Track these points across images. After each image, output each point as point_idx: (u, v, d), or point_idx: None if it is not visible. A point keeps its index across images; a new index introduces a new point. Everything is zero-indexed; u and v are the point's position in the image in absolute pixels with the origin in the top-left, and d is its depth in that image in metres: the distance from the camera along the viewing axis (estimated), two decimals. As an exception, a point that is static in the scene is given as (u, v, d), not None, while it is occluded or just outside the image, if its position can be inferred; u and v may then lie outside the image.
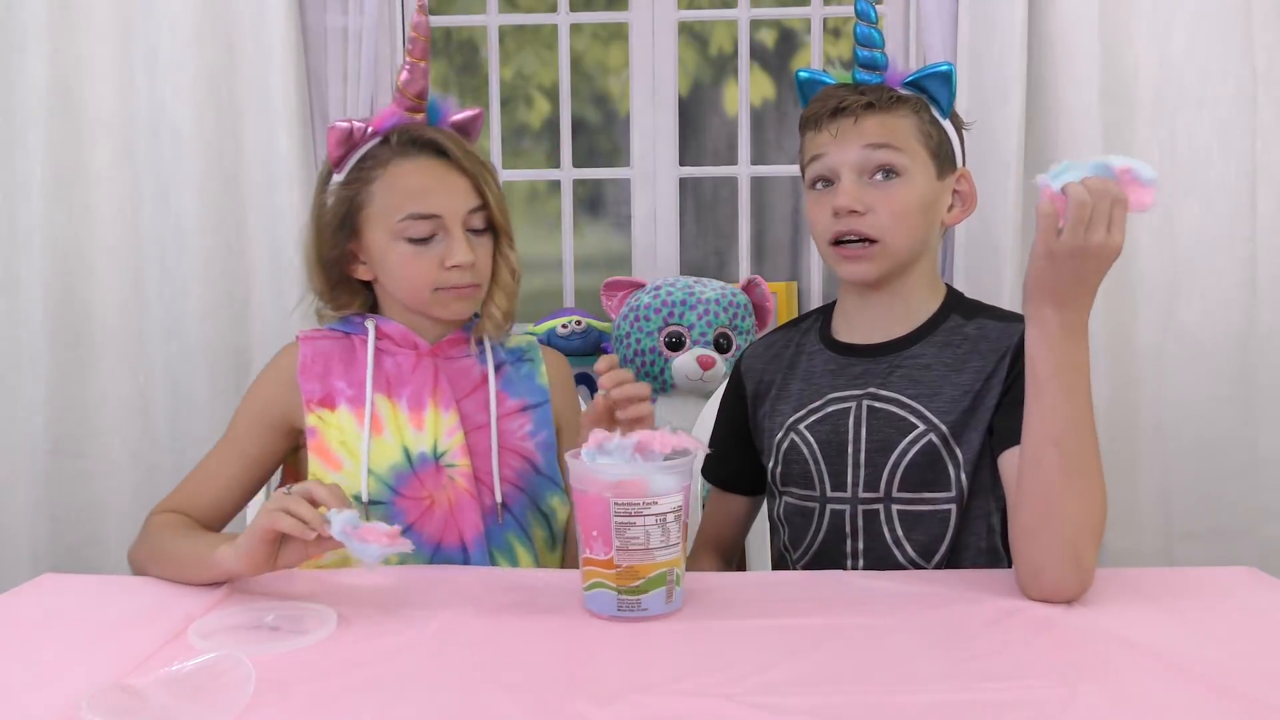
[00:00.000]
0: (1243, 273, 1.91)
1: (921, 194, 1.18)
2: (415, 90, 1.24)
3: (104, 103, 1.94)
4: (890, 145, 1.17)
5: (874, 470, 1.18)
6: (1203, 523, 1.94)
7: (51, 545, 1.96)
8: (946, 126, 1.23)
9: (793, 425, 1.23)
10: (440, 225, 1.22)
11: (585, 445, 0.99)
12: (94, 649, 0.91)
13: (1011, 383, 1.15)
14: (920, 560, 1.17)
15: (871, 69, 1.22)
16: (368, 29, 1.95)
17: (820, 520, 1.21)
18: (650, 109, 2.17)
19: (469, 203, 1.23)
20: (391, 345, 1.27)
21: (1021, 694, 0.78)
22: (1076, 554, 0.98)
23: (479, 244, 1.25)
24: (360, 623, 0.97)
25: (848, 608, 0.98)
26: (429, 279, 1.22)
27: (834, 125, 1.18)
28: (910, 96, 1.21)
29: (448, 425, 1.24)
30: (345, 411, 1.24)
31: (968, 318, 1.22)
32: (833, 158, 1.18)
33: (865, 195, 1.16)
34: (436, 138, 1.23)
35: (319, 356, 1.27)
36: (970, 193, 1.25)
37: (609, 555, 0.95)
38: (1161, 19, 1.90)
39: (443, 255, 1.21)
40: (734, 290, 1.97)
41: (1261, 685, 0.79)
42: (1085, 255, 0.94)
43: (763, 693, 0.78)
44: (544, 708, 0.77)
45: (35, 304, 1.93)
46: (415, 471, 1.23)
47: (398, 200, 1.22)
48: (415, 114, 1.25)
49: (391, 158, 1.23)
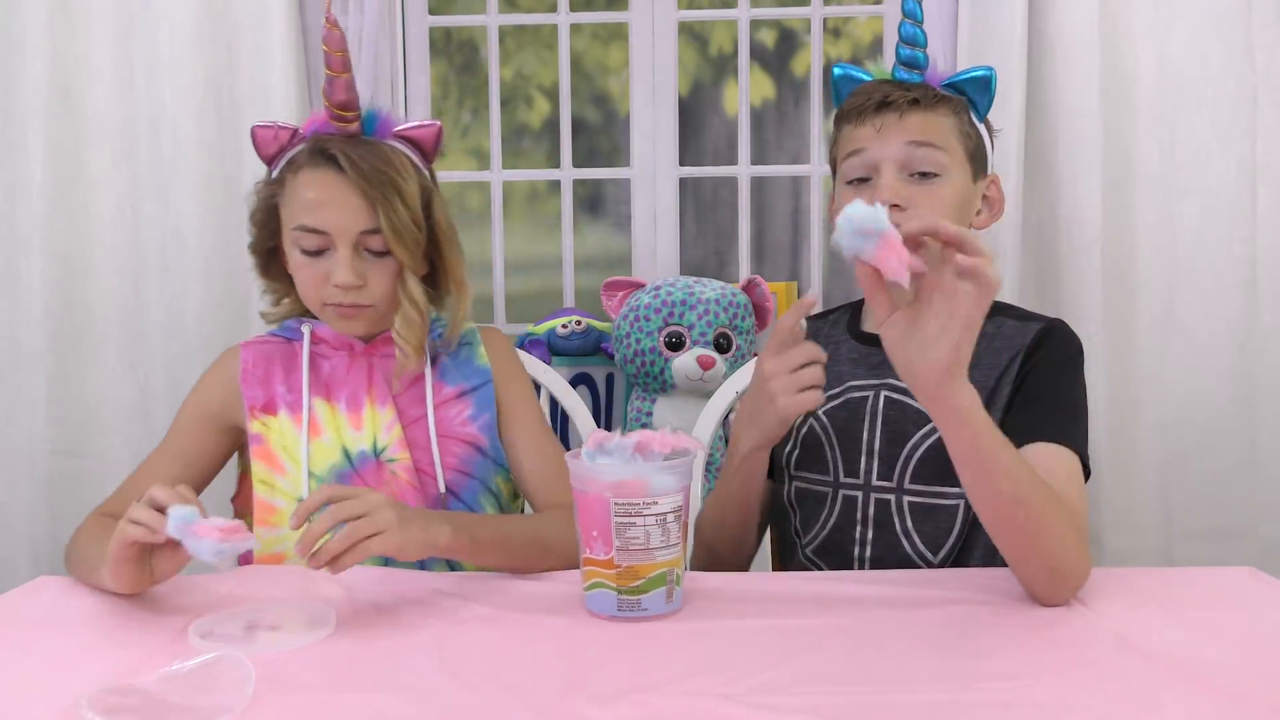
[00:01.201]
0: (1243, 273, 1.91)
1: (957, 195, 1.19)
2: (337, 101, 1.21)
3: (104, 103, 1.94)
4: (933, 144, 1.17)
5: (888, 460, 1.18)
6: (1203, 522, 1.94)
7: (51, 545, 1.96)
8: (982, 130, 1.24)
9: (812, 410, 1.24)
10: (328, 241, 1.20)
11: (585, 445, 0.99)
12: (94, 649, 0.91)
13: (1020, 382, 1.15)
14: (928, 554, 1.17)
15: (912, 67, 1.22)
16: (367, 29, 1.95)
17: (832, 505, 1.21)
18: (650, 109, 2.17)
19: (362, 224, 1.19)
20: (328, 348, 1.29)
21: (1021, 694, 0.78)
22: (1063, 574, 0.98)
23: (377, 266, 1.22)
24: (360, 623, 0.97)
25: (848, 608, 0.98)
26: (317, 290, 1.23)
27: (878, 119, 1.18)
28: (951, 97, 1.21)
29: (385, 421, 1.25)
30: (285, 416, 1.26)
31: (987, 315, 1.22)
32: (873, 153, 1.18)
33: (906, 191, 1.16)
34: (337, 151, 1.19)
35: (259, 362, 1.29)
36: (999, 198, 1.26)
37: (609, 555, 0.95)
38: (1161, 19, 1.90)
39: (329, 270, 1.21)
40: (734, 290, 1.97)
41: (1261, 685, 0.79)
42: (971, 323, 0.88)
43: (763, 693, 0.78)
44: (544, 708, 0.77)
45: (35, 304, 1.94)
46: (356, 470, 1.24)
47: (295, 210, 1.22)
48: (345, 125, 1.22)
49: (302, 165, 1.22)
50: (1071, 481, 1.08)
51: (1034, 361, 1.17)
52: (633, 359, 1.94)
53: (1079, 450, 1.11)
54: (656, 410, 1.95)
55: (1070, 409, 1.15)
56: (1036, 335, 1.19)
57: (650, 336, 1.92)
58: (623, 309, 1.99)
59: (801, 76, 2.37)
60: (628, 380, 2.01)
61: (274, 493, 1.24)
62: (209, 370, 1.33)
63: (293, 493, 1.23)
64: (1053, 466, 1.07)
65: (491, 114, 2.19)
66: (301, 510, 0.96)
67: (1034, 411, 1.13)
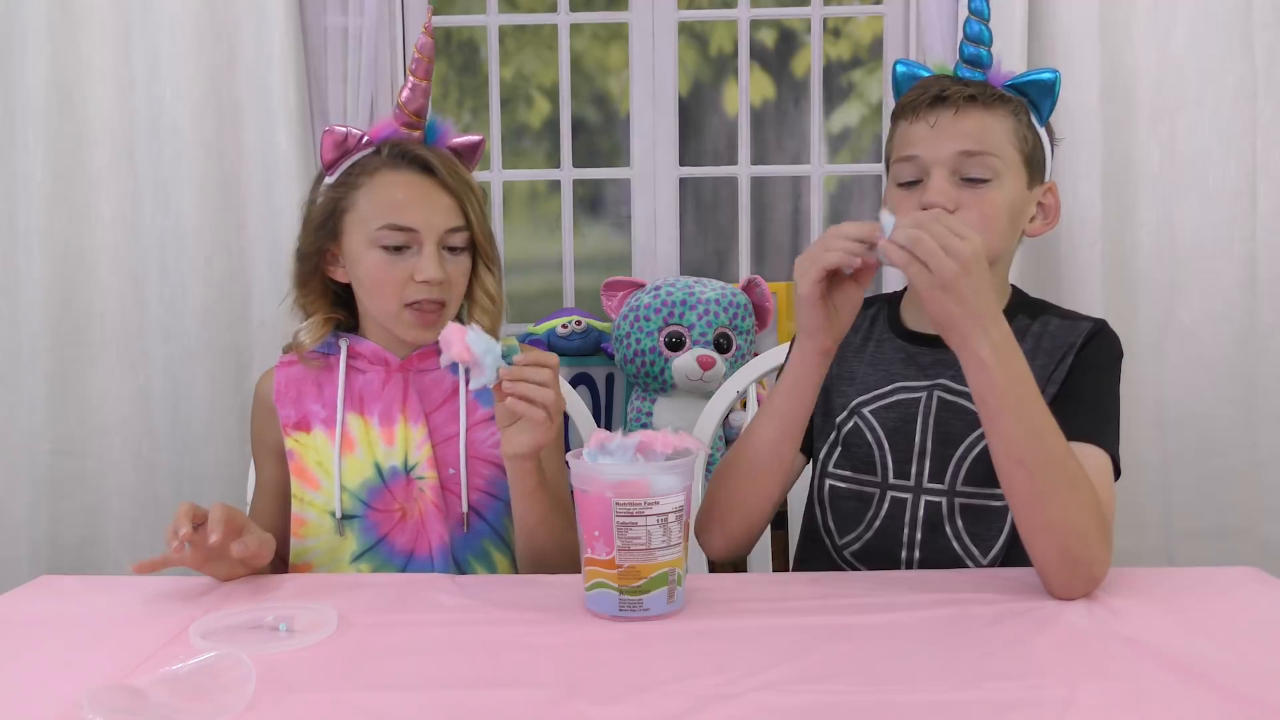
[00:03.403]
0: (1243, 273, 1.91)
1: (1011, 200, 1.17)
2: (414, 108, 1.27)
3: (104, 103, 1.94)
4: (985, 152, 1.15)
5: (940, 462, 1.18)
6: (1203, 522, 1.94)
7: (51, 545, 1.96)
8: (1042, 135, 1.22)
9: (857, 408, 1.23)
10: (415, 239, 1.24)
11: (587, 445, 0.99)
12: (94, 649, 0.91)
13: (1064, 379, 1.16)
14: (979, 554, 1.17)
15: (976, 65, 1.20)
16: (368, 29, 1.95)
17: (879, 507, 1.20)
18: (650, 109, 2.16)
19: (448, 221, 1.25)
20: (364, 363, 1.30)
21: (1022, 693, 0.78)
22: (1073, 556, 0.99)
23: (454, 262, 1.27)
24: (360, 623, 0.96)
25: (849, 607, 0.98)
26: (397, 290, 1.24)
27: (933, 115, 1.17)
28: (1012, 98, 1.19)
29: (416, 439, 1.27)
30: (320, 433, 1.28)
31: (1033, 317, 1.22)
32: (926, 157, 1.16)
33: (957, 195, 1.15)
34: (425, 154, 1.25)
35: (292, 382, 1.30)
36: (1055, 206, 1.24)
37: (610, 555, 0.95)
38: (1161, 19, 1.90)
39: (413, 269, 1.23)
40: (734, 290, 1.97)
41: (1262, 685, 0.79)
42: (944, 285, 0.96)
43: (764, 692, 0.78)
44: (545, 708, 0.77)
45: (35, 304, 1.93)
46: (387, 485, 1.26)
47: (378, 210, 1.24)
48: (412, 130, 1.27)
49: (379, 168, 1.25)
50: (1101, 478, 1.09)
51: (1078, 361, 1.17)
52: (633, 359, 1.93)
53: (1110, 450, 1.13)
54: (656, 410, 1.95)
55: (1106, 410, 1.16)
56: (1086, 335, 1.19)
57: (650, 336, 1.92)
58: (623, 309, 1.98)
59: (801, 76, 2.37)
60: (628, 380, 2.01)
61: (304, 506, 1.26)
62: (253, 403, 1.36)
63: (325, 506, 1.25)
64: (1083, 463, 1.07)
65: (491, 114, 2.19)
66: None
67: (1070, 410, 1.13)
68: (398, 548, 1.25)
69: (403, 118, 1.27)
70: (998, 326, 0.99)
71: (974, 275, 0.96)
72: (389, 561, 1.25)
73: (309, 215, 1.30)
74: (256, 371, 1.95)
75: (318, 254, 1.29)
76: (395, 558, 1.25)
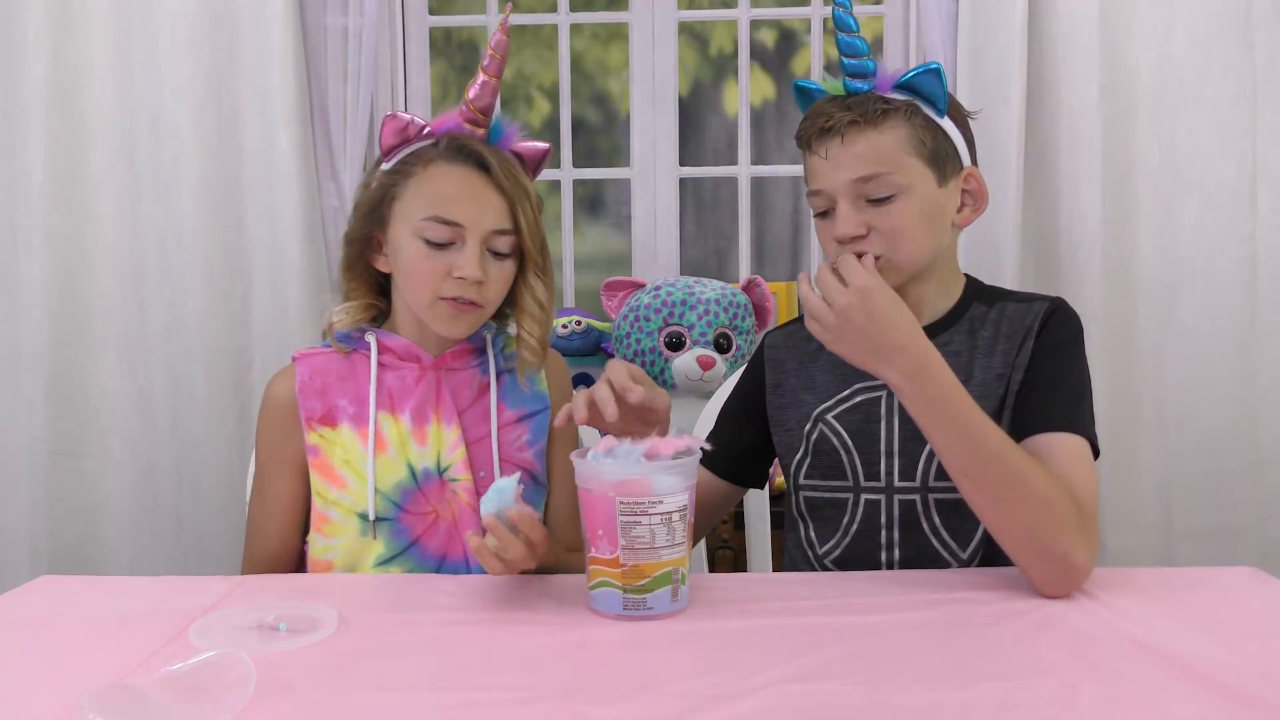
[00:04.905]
0: (1243, 272, 1.92)
1: (923, 206, 1.16)
2: (481, 105, 1.23)
3: (104, 103, 1.94)
4: (880, 173, 1.14)
5: (909, 460, 1.18)
6: (1203, 522, 1.94)
7: (51, 545, 1.96)
8: (946, 126, 1.19)
9: (820, 416, 1.23)
10: (459, 234, 1.20)
11: (595, 449, 0.99)
12: (94, 649, 0.91)
13: (1028, 365, 1.16)
14: (959, 550, 1.17)
15: (860, 77, 1.18)
16: (368, 29, 1.96)
17: (854, 511, 1.20)
18: (650, 109, 2.16)
19: (497, 223, 1.21)
20: (394, 359, 1.26)
21: (1022, 694, 0.78)
22: (1042, 551, 1.01)
23: (497, 267, 1.22)
24: (360, 623, 0.96)
25: (850, 608, 0.98)
26: (433, 284, 1.20)
27: (823, 147, 1.16)
28: (900, 104, 1.16)
29: (450, 440, 1.24)
30: (348, 430, 1.24)
31: (989, 303, 1.23)
32: (828, 189, 1.17)
33: (863, 218, 1.15)
34: (482, 151, 1.21)
35: (317, 374, 1.26)
36: (980, 190, 1.23)
37: (614, 554, 0.95)
38: (1161, 19, 1.90)
39: (453, 264, 1.20)
40: (734, 290, 1.97)
41: (1262, 684, 0.78)
42: (834, 336, 1.06)
43: (767, 691, 0.78)
44: (548, 707, 0.77)
45: (35, 303, 1.93)
46: (420, 487, 1.23)
47: (427, 200, 1.21)
48: (476, 128, 1.24)
49: (434, 159, 1.22)
50: (1077, 465, 1.08)
51: (1039, 345, 1.17)
52: (633, 359, 1.93)
53: (1084, 432, 1.11)
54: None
55: (1072, 393, 1.15)
56: (1044, 316, 1.19)
57: (650, 336, 1.92)
58: (623, 309, 1.98)
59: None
60: (628, 380, 2.01)
61: (328, 505, 1.22)
62: (262, 408, 1.29)
63: (353, 507, 1.21)
64: (1058, 454, 1.07)
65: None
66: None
67: (1035, 401, 1.13)
68: (430, 551, 1.22)
69: (468, 113, 1.23)
70: (903, 354, 1.04)
71: (865, 311, 1.04)
72: (421, 565, 1.21)
73: (359, 200, 1.27)
74: (257, 371, 1.96)
75: (364, 240, 1.26)
76: (428, 561, 1.22)
